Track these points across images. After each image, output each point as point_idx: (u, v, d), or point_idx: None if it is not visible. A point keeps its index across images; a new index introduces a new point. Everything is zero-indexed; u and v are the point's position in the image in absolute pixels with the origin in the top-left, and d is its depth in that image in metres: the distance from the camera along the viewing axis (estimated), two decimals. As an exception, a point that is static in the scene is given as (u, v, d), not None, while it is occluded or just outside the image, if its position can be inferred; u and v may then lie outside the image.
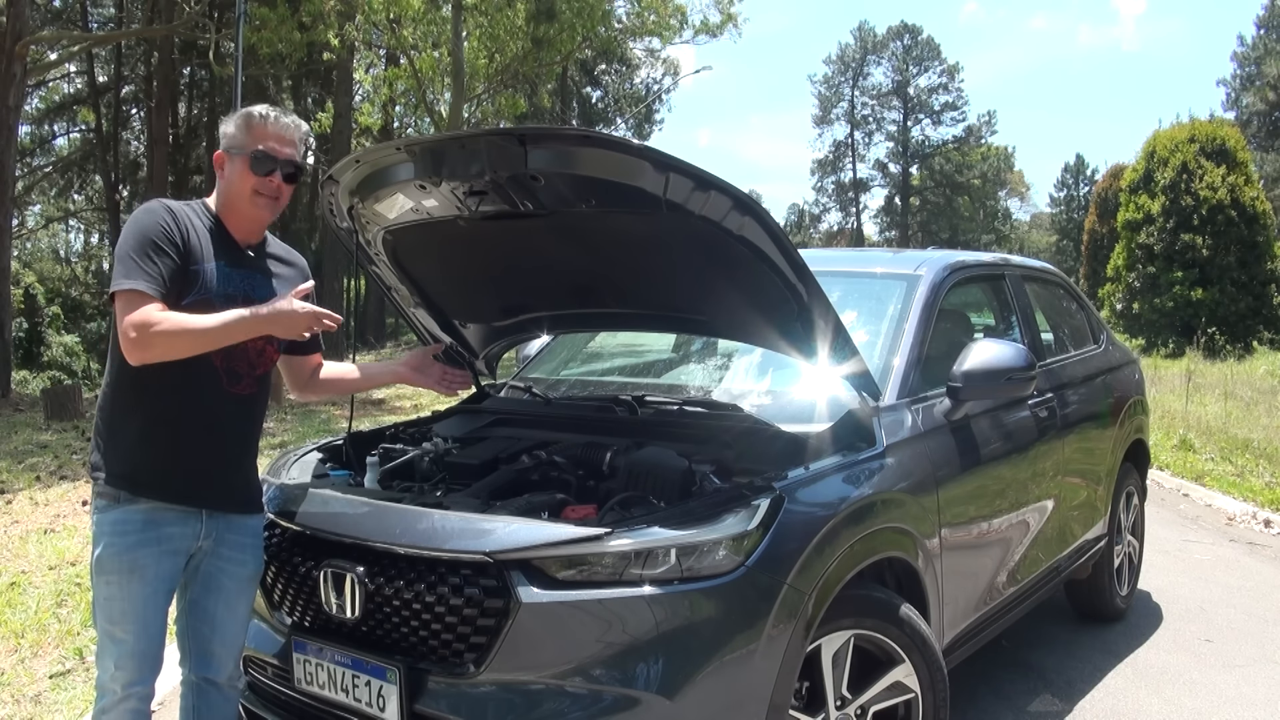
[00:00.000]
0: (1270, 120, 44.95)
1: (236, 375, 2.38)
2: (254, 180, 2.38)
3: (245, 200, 2.40)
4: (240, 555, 2.45)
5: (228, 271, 2.37)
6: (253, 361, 2.41)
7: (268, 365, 2.47)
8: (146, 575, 2.28)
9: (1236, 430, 9.78)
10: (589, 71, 42.18)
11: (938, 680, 2.69)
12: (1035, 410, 3.71)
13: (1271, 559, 5.83)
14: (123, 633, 2.28)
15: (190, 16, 18.82)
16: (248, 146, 2.38)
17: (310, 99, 30.22)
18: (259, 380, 2.45)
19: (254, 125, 2.40)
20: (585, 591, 2.21)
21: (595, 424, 3.16)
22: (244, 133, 2.40)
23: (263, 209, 2.42)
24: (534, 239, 2.90)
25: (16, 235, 19.72)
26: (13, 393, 15.49)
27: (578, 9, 19.91)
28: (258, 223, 2.46)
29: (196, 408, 2.33)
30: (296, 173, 2.45)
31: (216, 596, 2.43)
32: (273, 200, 2.42)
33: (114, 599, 2.28)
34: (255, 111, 2.43)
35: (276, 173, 2.39)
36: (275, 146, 2.39)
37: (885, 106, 60.96)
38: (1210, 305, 19.57)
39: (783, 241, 2.51)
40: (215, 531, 2.40)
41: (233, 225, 2.44)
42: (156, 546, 2.30)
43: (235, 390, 2.38)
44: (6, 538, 5.83)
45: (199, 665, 2.46)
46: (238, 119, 2.42)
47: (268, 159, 2.37)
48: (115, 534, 2.29)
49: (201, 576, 2.42)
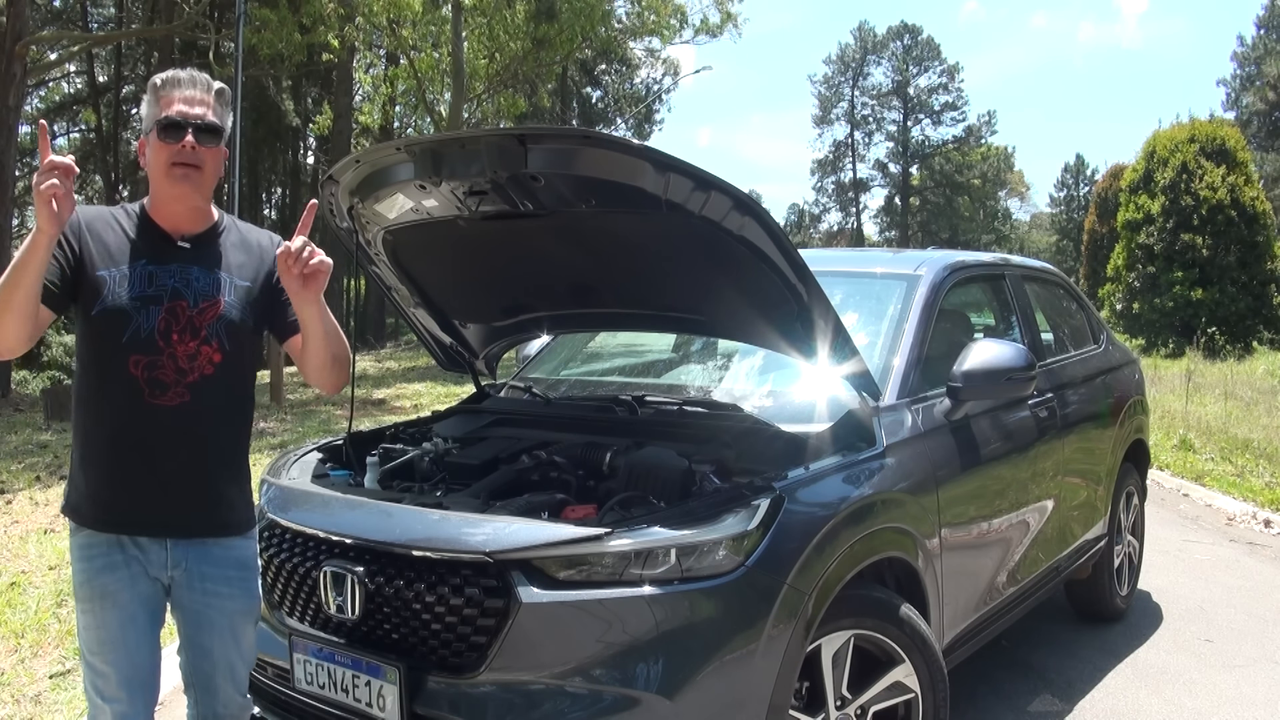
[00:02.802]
0: (1270, 120, 44.93)
1: (160, 385, 2.09)
2: (167, 151, 2.09)
3: (164, 177, 2.12)
4: (225, 589, 2.21)
5: (150, 270, 2.12)
6: (181, 367, 2.11)
7: (206, 368, 2.14)
8: (120, 600, 2.11)
9: (1236, 430, 9.77)
10: (589, 71, 42.16)
11: (938, 680, 2.69)
12: (1035, 410, 3.71)
13: (1271, 559, 5.83)
14: (104, 664, 2.12)
15: (190, 17, 18.82)
16: (155, 118, 2.12)
17: (310, 99, 30.23)
18: (194, 388, 2.12)
19: (159, 94, 2.14)
20: (585, 591, 2.21)
21: (595, 424, 3.16)
22: (152, 105, 2.15)
23: (183, 182, 2.11)
24: (534, 239, 2.90)
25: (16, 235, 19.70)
26: (13, 393, 15.49)
27: (578, 9, 19.94)
28: (184, 203, 2.16)
29: (118, 424, 2.10)
30: (214, 134, 2.14)
31: (210, 633, 2.22)
32: (193, 169, 2.11)
33: (90, 628, 2.13)
34: (156, 79, 2.17)
35: (188, 134, 2.09)
36: (183, 109, 2.10)
37: (885, 106, 60.96)
38: (1210, 305, 19.56)
39: (783, 241, 2.51)
40: (185, 561, 2.17)
41: (162, 216, 2.18)
42: (125, 570, 2.12)
43: (159, 402, 2.09)
44: (6, 538, 5.82)
45: (205, 699, 2.28)
46: (146, 94, 2.17)
47: (176, 124, 2.09)
48: (82, 559, 2.14)
49: (189, 613, 2.21)
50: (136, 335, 2.09)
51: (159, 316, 2.10)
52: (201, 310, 2.15)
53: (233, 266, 2.22)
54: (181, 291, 2.13)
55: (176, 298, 2.13)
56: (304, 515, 2.61)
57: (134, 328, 2.09)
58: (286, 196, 36.86)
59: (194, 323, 2.13)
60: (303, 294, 2.11)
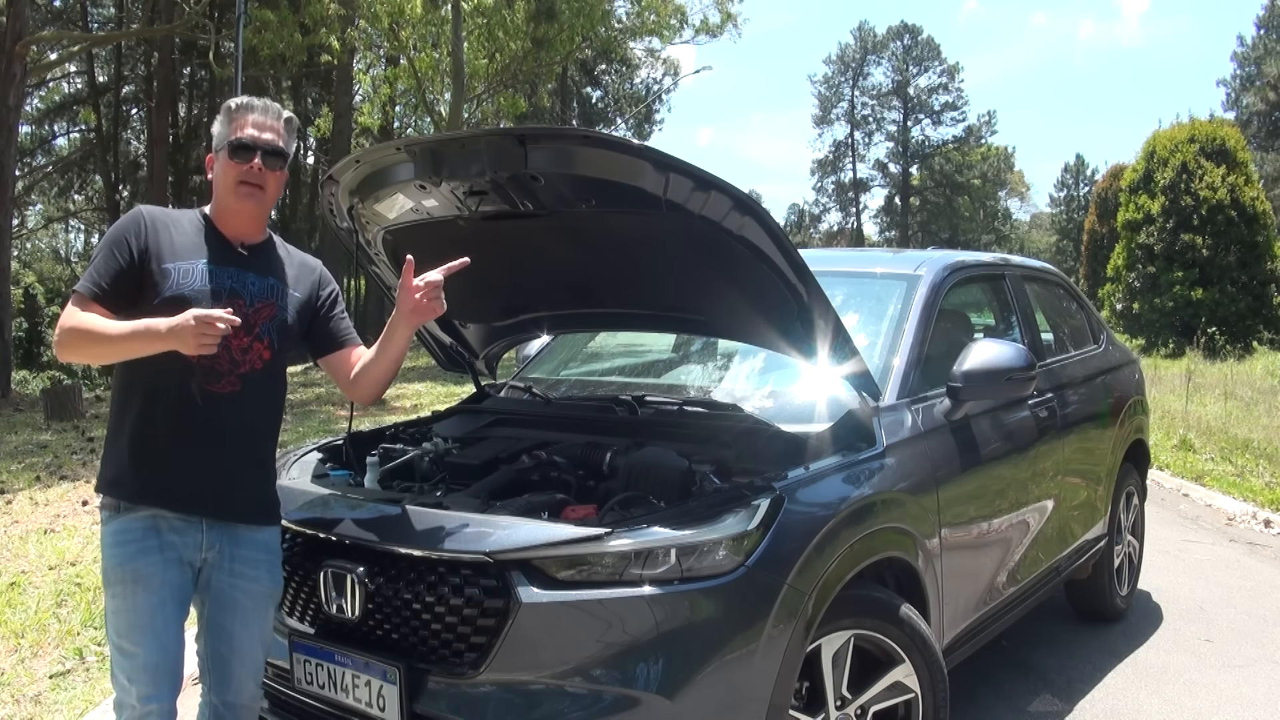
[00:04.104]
0: (1270, 120, 44.94)
1: (215, 374, 2.24)
2: (235, 170, 2.29)
3: (231, 194, 2.31)
4: (253, 571, 2.33)
5: (213, 269, 2.28)
6: (235, 359, 2.27)
7: (256, 363, 2.30)
8: (151, 584, 2.20)
9: (1236, 430, 9.77)
10: (589, 71, 42.16)
11: (938, 680, 2.69)
12: (1035, 410, 3.71)
13: (1271, 559, 5.83)
14: (132, 645, 2.20)
15: (190, 17, 18.81)
16: (227, 138, 2.31)
17: (310, 99, 30.24)
18: (245, 379, 2.28)
19: (232, 116, 2.33)
20: (585, 591, 2.21)
21: (595, 424, 3.16)
22: (224, 126, 2.34)
23: (248, 200, 2.32)
24: (534, 239, 2.90)
25: (16, 235, 19.73)
26: (13, 393, 15.49)
27: (578, 9, 19.94)
28: (248, 217, 2.36)
29: (174, 407, 2.23)
30: (280, 157, 2.34)
31: (233, 615, 2.32)
32: (258, 189, 2.32)
33: (120, 611, 2.21)
34: (231, 103, 2.36)
35: (257, 157, 2.29)
36: (253, 134, 2.30)
37: (885, 106, 60.95)
38: (1210, 305, 19.55)
39: (783, 241, 2.52)
40: (219, 544, 2.29)
41: (225, 225, 2.36)
42: (159, 555, 2.22)
43: (213, 389, 2.24)
44: (6, 538, 5.82)
45: (219, 687, 2.35)
46: (219, 115, 2.36)
47: (246, 146, 2.29)
48: (116, 544, 2.23)
49: (215, 593, 2.31)
50: None
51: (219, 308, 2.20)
52: (257, 310, 2.32)
53: (288, 277, 2.42)
54: (239, 291, 2.30)
55: (235, 296, 2.28)
56: (304, 515, 2.61)
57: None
58: (286, 196, 36.89)
59: (249, 319, 2.28)
60: (409, 318, 2.35)
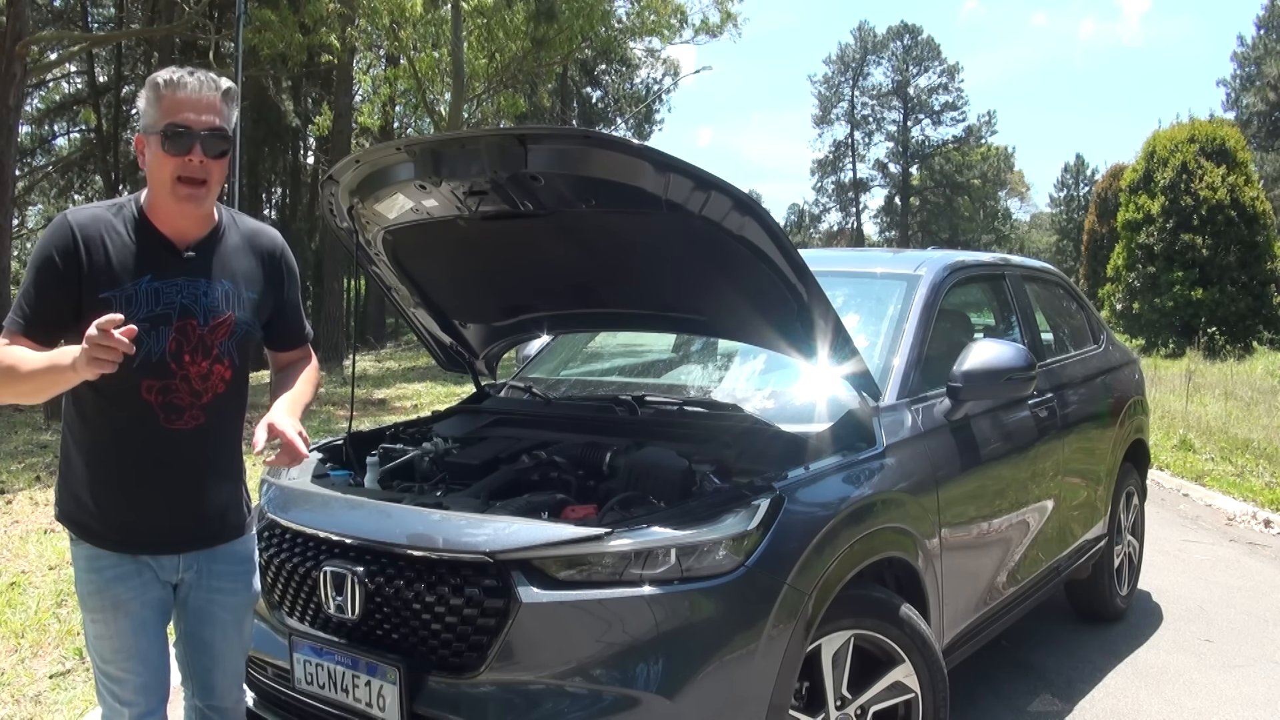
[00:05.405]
0: (1270, 120, 44.92)
1: (175, 409, 2.03)
2: (172, 164, 1.95)
3: (168, 192, 1.98)
4: (231, 584, 2.22)
5: (155, 287, 2.00)
6: (195, 390, 2.04)
7: (218, 387, 2.08)
8: (131, 609, 2.07)
9: (1236, 430, 9.77)
10: (589, 71, 42.14)
11: (938, 680, 2.69)
12: (1035, 410, 3.71)
13: (1271, 559, 5.83)
14: (119, 671, 2.09)
15: (190, 17, 18.79)
16: (159, 123, 1.95)
17: (310, 99, 30.21)
18: (208, 409, 2.07)
19: (162, 97, 1.95)
20: (585, 591, 2.21)
21: (595, 424, 3.16)
22: (153, 106, 1.96)
23: (188, 201, 1.98)
24: (534, 239, 2.90)
25: (16, 235, 19.70)
26: (13, 393, 15.46)
27: (577, 9, 19.92)
28: (190, 218, 2.04)
29: (133, 449, 2.03)
30: (223, 139, 1.99)
31: (212, 628, 2.22)
32: (199, 186, 1.98)
33: (104, 637, 2.09)
34: (159, 78, 1.97)
35: (196, 148, 1.94)
36: (190, 117, 1.94)
37: (885, 106, 60.95)
38: (1210, 305, 19.56)
39: (783, 241, 2.52)
40: (196, 564, 2.16)
41: (162, 222, 2.03)
42: (137, 578, 2.09)
43: (176, 426, 2.03)
44: (6, 538, 5.82)
45: (203, 694, 2.28)
46: (145, 91, 1.98)
47: (183, 134, 1.93)
48: (90, 570, 2.09)
49: (193, 610, 2.19)
50: (148, 360, 1.98)
51: (169, 338, 2.01)
52: (213, 329, 2.06)
53: (239, 275, 2.13)
54: (191, 309, 2.03)
55: (186, 315, 2.02)
56: (304, 515, 2.61)
57: (144, 352, 1.96)
58: (286, 196, 36.84)
59: (205, 341, 2.05)
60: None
